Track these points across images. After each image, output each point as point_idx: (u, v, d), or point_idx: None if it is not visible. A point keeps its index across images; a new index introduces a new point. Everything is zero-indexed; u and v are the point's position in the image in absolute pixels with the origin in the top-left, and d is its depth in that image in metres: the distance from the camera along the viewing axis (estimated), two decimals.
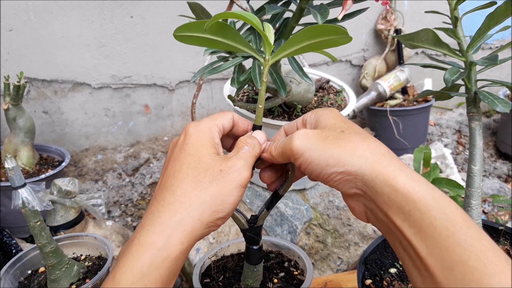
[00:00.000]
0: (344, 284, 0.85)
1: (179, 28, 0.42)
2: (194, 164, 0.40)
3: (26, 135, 1.29)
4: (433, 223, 0.33)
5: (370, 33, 1.93)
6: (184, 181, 0.40)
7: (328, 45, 0.41)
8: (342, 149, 0.38)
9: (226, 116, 0.46)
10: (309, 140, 0.40)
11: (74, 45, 1.53)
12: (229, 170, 0.40)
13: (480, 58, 0.54)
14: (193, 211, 0.38)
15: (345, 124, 0.42)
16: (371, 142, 0.39)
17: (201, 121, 0.44)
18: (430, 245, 0.33)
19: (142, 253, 0.36)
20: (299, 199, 1.05)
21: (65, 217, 1.03)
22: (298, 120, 0.48)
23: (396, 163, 0.37)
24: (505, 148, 1.87)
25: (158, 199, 0.40)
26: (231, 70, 0.64)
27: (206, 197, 0.39)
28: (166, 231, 0.37)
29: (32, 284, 0.74)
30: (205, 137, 0.43)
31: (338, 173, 0.38)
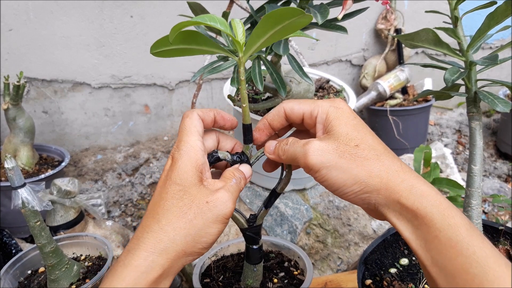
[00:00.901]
0: (344, 284, 0.85)
1: (154, 45, 0.42)
2: (180, 194, 0.41)
3: (26, 135, 1.29)
4: (437, 236, 0.35)
5: (370, 32, 1.92)
6: (170, 210, 0.41)
7: (293, 28, 0.40)
8: (360, 170, 0.39)
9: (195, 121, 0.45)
10: (325, 156, 0.41)
11: (74, 45, 1.53)
12: (216, 203, 0.41)
13: (480, 58, 0.54)
14: (178, 242, 0.40)
15: (359, 134, 0.42)
16: (385, 159, 0.40)
17: (181, 142, 0.44)
18: (435, 256, 0.35)
19: (126, 274, 0.38)
20: (299, 199, 1.05)
21: (65, 217, 1.03)
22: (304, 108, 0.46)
23: (409, 178, 0.39)
24: (505, 148, 1.87)
25: (144, 225, 0.41)
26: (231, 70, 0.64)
27: (191, 230, 0.40)
28: (151, 257, 0.39)
29: (32, 284, 0.74)
30: (190, 163, 0.42)
31: (354, 192, 0.40)
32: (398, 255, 0.66)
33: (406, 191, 0.38)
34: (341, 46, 1.91)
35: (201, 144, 0.44)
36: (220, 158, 0.47)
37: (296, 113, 0.46)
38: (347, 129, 0.42)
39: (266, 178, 1.02)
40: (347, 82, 1.99)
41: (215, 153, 0.47)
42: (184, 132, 0.44)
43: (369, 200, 0.40)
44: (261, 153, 0.50)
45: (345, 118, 0.43)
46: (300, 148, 0.42)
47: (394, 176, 0.39)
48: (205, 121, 0.47)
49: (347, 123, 0.43)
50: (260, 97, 0.95)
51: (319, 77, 1.11)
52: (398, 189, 0.38)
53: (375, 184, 0.39)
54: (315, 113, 0.45)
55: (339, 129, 0.42)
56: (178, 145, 0.44)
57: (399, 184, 0.38)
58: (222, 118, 0.48)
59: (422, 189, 0.38)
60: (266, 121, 0.48)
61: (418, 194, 0.37)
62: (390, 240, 0.69)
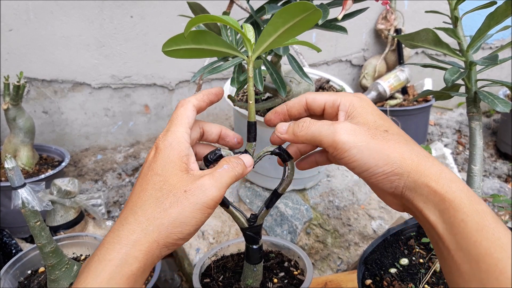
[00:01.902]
0: (344, 284, 0.85)
1: (166, 43, 0.42)
2: (160, 184, 0.40)
3: (26, 135, 1.29)
4: (464, 220, 0.36)
5: (370, 33, 1.92)
6: (147, 202, 0.40)
7: (304, 26, 0.40)
8: (392, 151, 0.40)
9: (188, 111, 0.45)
10: (357, 136, 0.40)
11: (74, 45, 1.53)
12: (195, 191, 0.39)
13: (480, 58, 0.54)
14: (150, 232, 0.38)
15: (386, 123, 0.42)
16: (414, 145, 0.41)
17: (169, 133, 0.43)
18: (460, 240, 0.35)
19: (101, 269, 0.37)
20: (299, 199, 1.05)
21: (65, 217, 1.03)
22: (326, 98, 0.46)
23: (438, 164, 0.40)
24: (505, 148, 1.87)
25: (121, 218, 0.40)
26: (231, 70, 0.64)
27: (164, 220, 0.39)
28: (124, 249, 0.38)
29: (32, 284, 0.74)
30: (173, 153, 0.41)
31: (385, 173, 0.40)
32: (398, 255, 0.66)
33: (436, 175, 0.38)
34: (341, 46, 1.91)
35: (187, 137, 0.43)
36: (222, 156, 0.47)
37: (318, 102, 0.46)
38: (373, 117, 0.42)
39: (266, 178, 1.02)
40: (347, 82, 1.99)
41: (218, 151, 0.47)
42: (174, 122, 0.44)
43: (397, 183, 0.40)
44: (264, 153, 0.49)
45: (370, 108, 0.43)
46: (328, 126, 0.42)
47: (424, 160, 0.39)
48: (201, 108, 0.46)
49: (373, 112, 0.43)
50: (260, 97, 0.95)
51: (319, 77, 1.11)
52: (428, 173, 0.38)
53: (406, 166, 0.39)
54: (337, 102, 0.45)
55: (366, 116, 0.42)
56: (165, 135, 0.43)
57: (429, 167, 0.39)
58: (215, 95, 0.48)
59: (450, 175, 0.39)
60: (285, 107, 0.48)
61: (447, 179, 0.38)
62: (390, 240, 0.69)
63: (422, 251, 0.66)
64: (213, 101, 0.48)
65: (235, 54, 0.45)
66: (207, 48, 0.43)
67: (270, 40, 0.42)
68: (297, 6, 0.38)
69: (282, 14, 0.39)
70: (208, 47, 0.43)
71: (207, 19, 0.40)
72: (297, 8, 0.38)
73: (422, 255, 0.66)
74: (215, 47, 0.43)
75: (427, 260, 0.65)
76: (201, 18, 0.40)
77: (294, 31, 0.41)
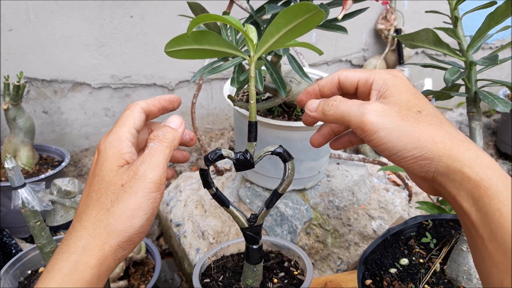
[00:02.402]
0: (344, 284, 0.85)
1: (169, 43, 0.42)
2: (98, 185, 0.38)
3: (26, 135, 1.29)
4: (500, 209, 0.33)
5: (370, 33, 1.92)
6: (90, 206, 0.38)
7: (307, 26, 0.40)
8: (422, 134, 0.38)
9: (134, 113, 0.43)
10: (386, 118, 0.38)
11: (74, 45, 1.53)
12: (130, 181, 0.37)
13: (480, 58, 0.54)
14: (98, 235, 0.36)
15: (420, 102, 0.40)
16: (448, 127, 0.39)
17: (110, 133, 0.41)
18: (495, 230, 0.34)
19: (50, 279, 0.35)
20: (299, 199, 1.05)
21: (65, 217, 1.03)
22: (359, 75, 0.44)
23: (474, 148, 0.37)
24: (505, 148, 1.87)
25: (70, 228, 0.39)
26: (231, 70, 0.64)
27: (109, 220, 0.37)
28: (72, 257, 0.36)
29: (32, 284, 0.74)
30: (112, 152, 0.39)
31: (415, 157, 0.38)
32: (398, 255, 0.66)
33: (471, 161, 0.36)
34: (341, 46, 1.91)
35: (129, 136, 0.41)
36: (223, 156, 0.47)
37: (351, 80, 0.44)
38: (407, 96, 0.40)
39: (266, 178, 1.02)
40: None
41: (218, 150, 0.47)
42: (118, 123, 0.42)
43: (428, 168, 0.38)
44: (265, 152, 0.49)
45: (404, 86, 0.41)
46: (357, 106, 0.40)
47: (458, 144, 0.37)
48: (152, 112, 0.45)
49: (407, 91, 0.41)
50: (260, 97, 0.95)
51: (319, 77, 1.11)
52: (462, 158, 0.36)
53: (437, 151, 0.37)
54: (370, 79, 0.43)
55: (399, 95, 0.40)
56: (107, 136, 0.41)
57: (463, 152, 0.37)
58: (170, 102, 0.46)
59: (487, 161, 0.36)
60: (317, 87, 0.46)
61: (483, 165, 0.36)
62: (390, 240, 0.69)
63: (422, 251, 0.66)
64: (167, 108, 0.46)
65: (237, 54, 0.45)
66: (209, 48, 0.43)
67: (273, 41, 0.42)
68: (300, 6, 0.38)
69: (285, 15, 0.39)
70: (210, 47, 0.43)
71: (210, 19, 0.40)
72: (300, 9, 0.38)
73: (422, 255, 0.66)
74: (217, 48, 0.43)
75: (427, 260, 0.65)
76: (204, 17, 0.40)
77: (297, 32, 0.41)
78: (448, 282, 0.60)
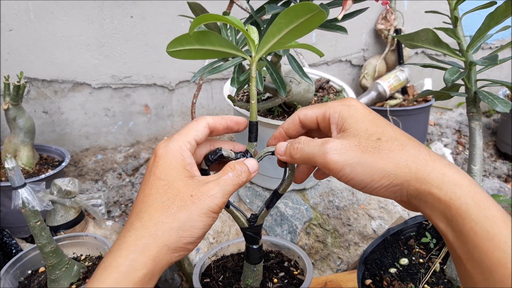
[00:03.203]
0: (344, 284, 0.85)
1: (171, 43, 0.43)
2: (164, 189, 0.40)
3: (26, 135, 1.29)
4: (473, 228, 0.33)
5: (370, 33, 1.92)
6: (152, 206, 0.39)
7: (308, 27, 0.40)
8: (386, 162, 0.38)
9: (199, 126, 0.45)
10: (347, 154, 0.39)
11: (74, 45, 1.53)
12: (201, 196, 0.40)
13: (480, 58, 0.54)
14: (160, 237, 0.38)
15: (378, 128, 0.40)
16: (411, 148, 0.38)
17: (171, 140, 0.43)
18: (471, 249, 0.34)
19: (107, 276, 0.36)
20: (299, 199, 1.05)
21: (65, 217, 1.03)
22: (316, 112, 0.44)
23: (439, 166, 0.37)
24: (505, 148, 1.87)
25: (127, 224, 0.40)
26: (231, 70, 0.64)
27: (173, 223, 0.38)
28: (131, 255, 0.37)
29: (32, 284, 0.74)
30: (175, 159, 0.41)
31: (384, 186, 0.38)
32: (398, 255, 0.66)
33: (438, 181, 0.36)
34: (341, 46, 1.91)
35: (189, 146, 0.43)
36: (223, 156, 0.47)
37: (310, 118, 0.45)
38: (364, 125, 0.40)
39: (266, 178, 1.02)
40: (347, 82, 1.99)
41: (219, 150, 0.47)
42: (181, 132, 0.44)
43: (400, 193, 0.38)
44: (265, 153, 0.49)
45: (360, 115, 0.41)
46: (318, 147, 0.40)
47: (423, 165, 0.37)
48: (216, 129, 0.46)
49: (363, 119, 0.41)
50: (260, 97, 0.95)
51: (319, 77, 1.11)
52: (429, 179, 0.36)
53: (404, 175, 0.37)
54: (327, 114, 0.43)
55: (357, 126, 0.40)
56: (166, 142, 0.43)
57: (429, 173, 0.36)
58: (236, 123, 0.47)
59: (455, 178, 0.36)
60: (282, 130, 0.47)
61: (450, 183, 0.35)
62: (390, 240, 0.69)
63: (422, 251, 0.66)
64: (232, 128, 0.47)
65: (239, 54, 0.45)
66: (210, 48, 0.43)
67: (274, 41, 0.42)
68: (301, 6, 0.38)
69: (287, 15, 0.39)
70: (212, 47, 0.43)
71: (211, 19, 0.40)
72: (302, 9, 0.38)
73: (422, 255, 0.66)
74: (218, 48, 0.43)
75: (427, 260, 0.65)
76: (205, 17, 0.40)
77: (298, 32, 0.41)
78: (448, 282, 0.60)
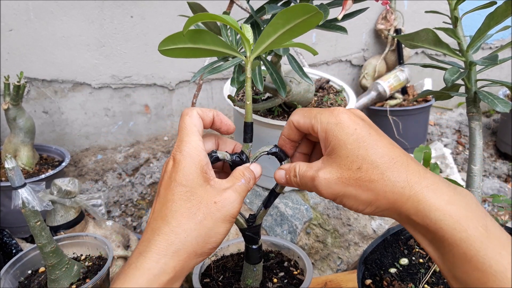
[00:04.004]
0: (344, 284, 0.85)
1: (163, 42, 0.42)
2: (187, 195, 0.41)
3: (26, 135, 1.29)
4: (451, 250, 0.36)
5: (370, 33, 1.92)
6: (178, 212, 0.41)
7: (304, 28, 0.40)
8: (367, 195, 0.40)
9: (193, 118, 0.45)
10: (334, 188, 0.41)
11: (74, 45, 1.53)
12: (224, 203, 0.42)
13: (480, 58, 0.54)
14: (189, 243, 0.40)
15: (359, 151, 0.40)
16: (390, 175, 0.39)
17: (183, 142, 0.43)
18: (452, 269, 0.36)
19: (139, 276, 0.39)
20: (299, 199, 1.05)
21: (65, 217, 1.03)
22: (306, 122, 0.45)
23: (416, 193, 0.38)
24: (505, 148, 1.87)
25: (153, 227, 0.42)
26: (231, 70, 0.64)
27: (201, 231, 0.41)
28: (163, 259, 0.40)
29: (32, 284, 0.74)
30: (194, 164, 0.42)
31: (371, 212, 0.41)
32: (398, 255, 0.66)
33: (413, 209, 0.38)
34: (341, 46, 1.91)
35: (202, 144, 0.44)
36: (219, 158, 0.47)
37: (303, 126, 0.46)
38: (346, 151, 0.41)
39: (266, 178, 1.02)
40: (347, 82, 1.99)
41: (214, 153, 0.47)
42: (185, 131, 0.44)
43: (386, 216, 0.41)
44: (260, 153, 0.49)
45: (344, 136, 0.41)
46: (310, 182, 0.43)
47: (399, 195, 0.38)
48: (204, 121, 0.47)
49: (346, 141, 0.41)
50: (260, 97, 0.95)
51: (319, 77, 1.11)
52: (405, 208, 0.38)
53: (384, 205, 0.40)
54: (316, 129, 0.44)
55: (339, 151, 0.41)
56: (180, 146, 0.43)
57: (405, 202, 0.38)
58: (220, 121, 0.48)
59: (430, 203, 0.37)
60: (284, 137, 0.49)
61: (426, 210, 0.37)
62: (390, 240, 0.69)
63: (422, 251, 0.66)
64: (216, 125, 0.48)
65: (233, 54, 0.45)
66: (204, 47, 0.43)
67: (269, 41, 0.42)
68: (298, 8, 0.38)
69: (283, 16, 0.39)
70: (205, 46, 0.43)
71: (206, 18, 0.40)
72: (299, 10, 0.38)
73: (422, 255, 0.66)
74: (212, 47, 0.43)
75: (427, 260, 0.65)
76: (200, 16, 0.39)
77: (294, 33, 0.41)
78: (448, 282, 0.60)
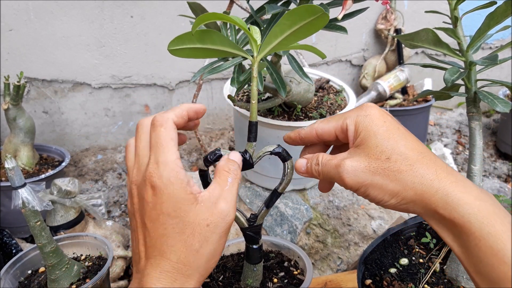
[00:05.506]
0: (344, 284, 0.85)
1: (172, 41, 0.42)
2: (179, 226, 0.39)
3: (26, 135, 1.29)
4: (477, 244, 0.36)
5: (370, 33, 1.92)
6: (175, 246, 0.39)
7: (311, 29, 0.40)
8: (394, 184, 0.40)
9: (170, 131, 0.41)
10: (360, 177, 0.41)
11: (74, 45, 1.53)
12: (216, 222, 0.39)
13: (480, 58, 0.54)
14: (191, 276, 0.40)
15: (390, 142, 0.41)
16: (419, 167, 0.40)
17: (160, 164, 0.39)
18: (476, 263, 0.36)
19: None
20: (299, 199, 1.05)
21: (65, 217, 1.03)
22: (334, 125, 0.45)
23: (444, 186, 0.38)
24: (505, 148, 1.87)
25: (153, 264, 0.39)
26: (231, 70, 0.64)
27: (200, 261, 0.40)
28: None
29: (32, 284, 0.74)
30: (176, 189, 0.39)
31: (394, 205, 0.41)
32: (398, 255, 0.66)
33: (442, 201, 0.38)
34: (341, 46, 1.91)
35: (180, 162, 0.40)
36: (222, 156, 0.47)
37: (327, 131, 0.46)
38: (376, 140, 0.41)
39: (266, 178, 1.02)
40: (347, 82, 1.99)
41: (217, 151, 0.47)
42: (160, 148, 0.39)
43: (411, 210, 0.41)
44: (264, 153, 0.49)
45: (374, 127, 0.42)
46: (334, 170, 0.42)
47: (428, 186, 0.39)
48: (180, 125, 0.43)
49: (376, 132, 0.41)
50: (260, 97, 0.95)
51: (319, 77, 1.11)
52: (433, 200, 0.38)
53: (410, 197, 0.39)
54: (345, 127, 0.44)
55: (369, 141, 0.41)
56: (157, 169, 0.39)
57: (433, 195, 0.38)
58: (193, 112, 0.45)
59: (458, 197, 0.37)
60: (299, 135, 0.48)
61: (454, 203, 0.37)
62: (390, 240, 0.69)
63: (422, 251, 0.66)
64: (193, 119, 0.46)
65: (241, 54, 0.45)
66: (212, 47, 0.43)
67: (276, 42, 0.42)
68: (305, 9, 0.38)
69: (290, 16, 0.39)
70: (213, 46, 0.43)
71: (215, 18, 0.40)
72: (306, 11, 0.38)
73: (422, 255, 0.66)
74: (220, 47, 0.43)
75: (427, 260, 0.65)
76: (209, 16, 0.39)
77: (301, 34, 0.41)
78: (448, 282, 0.60)
